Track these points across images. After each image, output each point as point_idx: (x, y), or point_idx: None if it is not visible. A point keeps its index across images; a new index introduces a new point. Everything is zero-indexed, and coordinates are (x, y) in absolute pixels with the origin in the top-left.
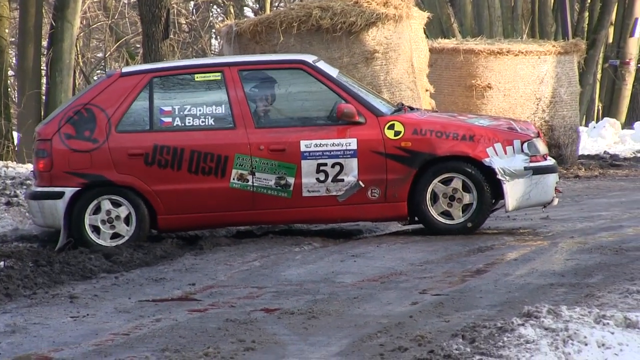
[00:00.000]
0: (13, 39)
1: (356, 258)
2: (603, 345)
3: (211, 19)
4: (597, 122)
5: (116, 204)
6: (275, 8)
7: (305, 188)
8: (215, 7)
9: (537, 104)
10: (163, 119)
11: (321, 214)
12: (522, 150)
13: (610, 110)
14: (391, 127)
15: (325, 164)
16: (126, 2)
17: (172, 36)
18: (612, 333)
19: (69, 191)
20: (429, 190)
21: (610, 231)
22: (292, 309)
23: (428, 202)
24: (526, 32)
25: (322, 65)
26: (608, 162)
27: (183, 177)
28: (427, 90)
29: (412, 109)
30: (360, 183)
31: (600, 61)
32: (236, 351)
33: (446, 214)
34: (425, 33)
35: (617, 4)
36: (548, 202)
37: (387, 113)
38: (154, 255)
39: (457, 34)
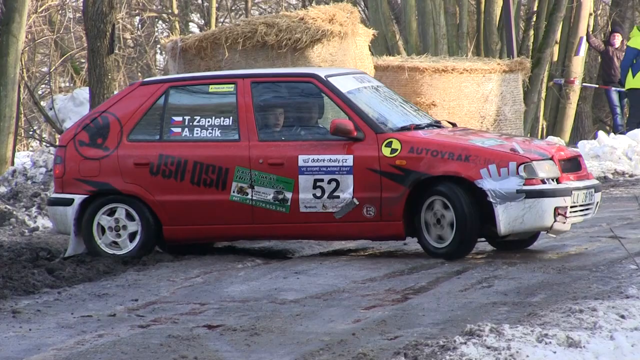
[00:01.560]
0: None
1: (299, 275)
2: None
3: (156, 34)
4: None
5: (128, 215)
6: (220, 24)
7: (302, 204)
8: (160, 22)
9: (482, 122)
10: (173, 129)
11: (318, 230)
12: (518, 173)
13: (554, 128)
14: (389, 144)
15: (322, 180)
16: (71, 17)
17: (117, 51)
18: (554, 352)
19: (78, 198)
20: (423, 210)
21: (553, 250)
22: (234, 326)
23: (422, 222)
24: (471, 50)
25: (335, 80)
26: None
27: (186, 188)
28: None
29: (445, 124)
30: (355, 200)
31: (545, 80)
32: None
33: (439, 237)
34: (370, 50)
35: (562, 23)
36: (547, 228)
37: (390, 130)
38: (97, 271)
39: (402, 51)
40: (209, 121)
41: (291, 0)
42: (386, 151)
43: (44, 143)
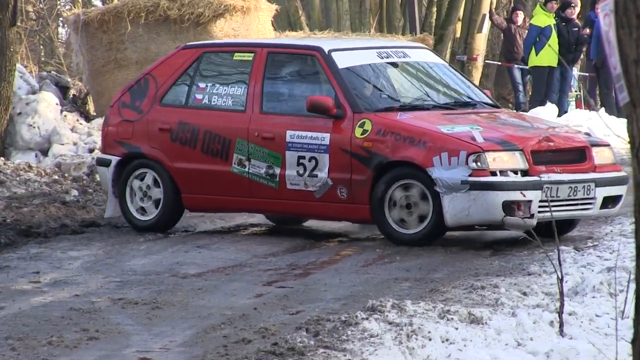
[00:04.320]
0: None
1: (200, 249)
2: (447, 340)
3: (59, 7)
4: None
5: (155, 181)
6: None
7: (288, 180)
8: None
9: None
10: (197, 95)
11: (301, 208)
12: (467, 163)
13: None
14: (362, 125)
15: (304, 157)
16: None
17: (19, 23)
18: (456, 328)
19: (114, 160)
20: (387, 195)
21: (461, 229)
22: (136, 299)
23: (386, 207)
24: (374, 27)
25: (338, 54)
26: None
27: (197, 156)
28: None
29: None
30: (329, 180)
31: (448, 57)
32: (80, 340)
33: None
34: (273, 25)
35: (465, 0)
36: (497, 222)
37: (368, 110)
38: None
39: (305, 27)
40: (225, 89)
41: None
42: (358, 132)
43: None
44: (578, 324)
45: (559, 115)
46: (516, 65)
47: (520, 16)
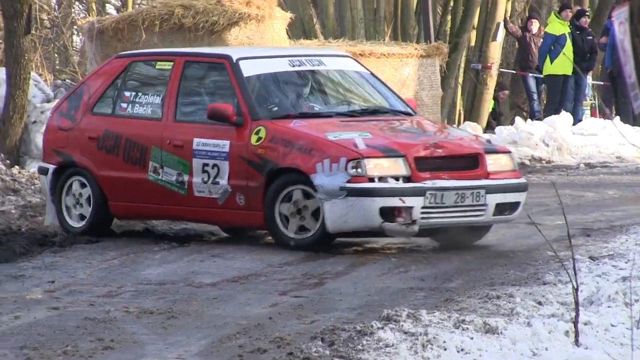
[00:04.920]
0: None
1: (215, 258)
2: (462, 350)
3: (73, 15)
4: (458, 125)
5: (83, 186)
6: (137, 6)
7: (195, 187)
8: (77, 3)
9: None
10: (122, 104)
11: (207, 215)
12: (346, 169)
13: (471, 114)
14: (257, 132)
15: (208, 165)
16: None
17: (33, 32)
18: (472, 338)
19: (52, 168)
20: (278, 201)
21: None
22: (151, 309)
23: (276, 214)
24: (388, 35)
25: (246, 62)
26: None
27: (119, 164)
28: None
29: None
30: (228, 187)
31: (462, 65)
32: (95, 350)
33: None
34: (287, 34)
35: (479, 8)
36: (375, 228)
37: (264, 117)
38: (13, 252)
39: (319, 35)
40: (146, 98)
41: None
42: (254, 139)
43: None
44: (593, 334)
45: (573, 124)
46: (531, 74)
47: (535, 24)
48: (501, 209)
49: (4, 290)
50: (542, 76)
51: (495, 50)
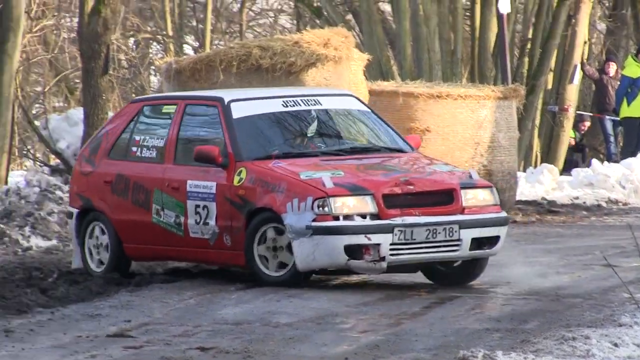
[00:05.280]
0: None
1: (292, 298)
2: None
3: (151, 55)
4: (535, 167)
5: (102, 230)
6: (215, 46)
7: (190, 228)
8: (155, 43)
9: (476, 149)
10: (133, 148)
11: (201, 255)
12: (312, 208)
13: (548, 156)
14: (239, 173)
15: (199, 206)
16: (66, 37)
17: (111, 72)
18: None
19: (75, 212)
20: (255, 240)
21: (546, 277)
22: (227, 348)
23: (255, 253)
24: (465, 77)
25: (237, 104)
26: (545, 208)
27: (129, 207)
28: None
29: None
30: (216, 228)
31: (539, 107)
32: None
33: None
34: (365, 75)
35: (556, 50)
36: (342, 266)
37: (247, 158)
38: (90, 291)
39: (396, 76)
40: (152, 141)
41: (285, 24)
42: (236, 180)
43: (38, 163)
44: None
45: None
46: (608, 116)
47: (612, 67)
48: (479, 243)
49: (80, 329)
50: (619, 119)
51: (572, 93)
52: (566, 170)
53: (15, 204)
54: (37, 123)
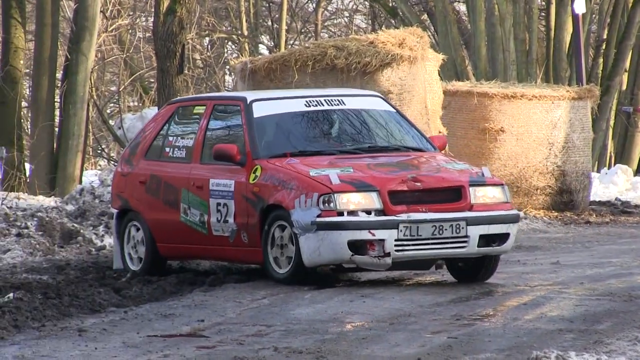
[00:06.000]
0: (27, 71)
1: (365, 299)
2: None
3: (226, 55)
4: (609, 168)
5: (138, 229)
6: (290, 46)
7: (212, 227)
8: (230, 43)
9: (550, 149)
10: (166, 148)
11: (223, 253)
12: (317, 204)
13: (622, 156)
14: (255, 171)
15: (220, 204)
16: (141, 36)
17: (186, 71)
18: None
19: (115, 213)
20: (269, 236)
21: (620, 278)
22: (300, 348)
23: (268, 249)
24: (540, 77)
25: (258, 104)
26: (619, 208)
27: (160, 206)
28: (440, 132)
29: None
30: (234, 225)
31: (614, 108)
32: None
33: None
34: (439, 75)
35: (632, 51)
36: (346, 261)
37: (263, 156)
38: (163, 291)
39: (471, 76)
40: (183, 142)
41: (361, 24)
42: (251, 178)
43: (112, 162)
44: None
45: None
46: None
47: None
48: (488, 240)
49: (153, 329)
50: None
51: None
52: None
53: (89, 204)
54: (111, 122)
